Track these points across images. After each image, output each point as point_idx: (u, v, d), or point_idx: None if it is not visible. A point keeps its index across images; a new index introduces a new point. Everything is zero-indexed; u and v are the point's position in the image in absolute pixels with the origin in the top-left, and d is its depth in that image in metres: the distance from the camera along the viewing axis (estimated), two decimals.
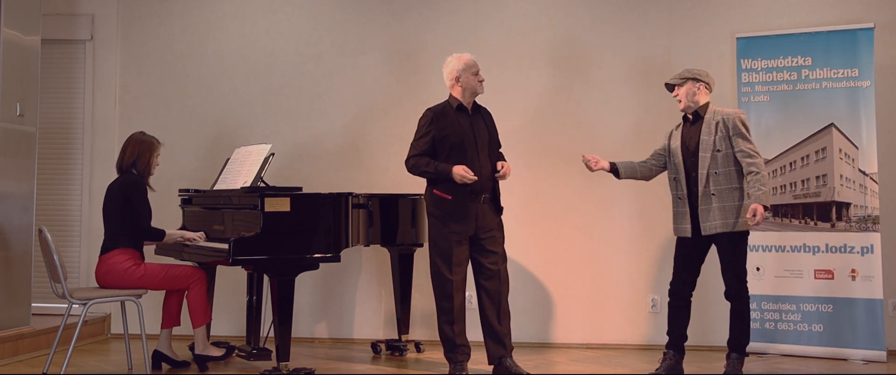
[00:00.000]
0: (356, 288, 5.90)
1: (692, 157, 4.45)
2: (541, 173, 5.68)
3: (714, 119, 4.43)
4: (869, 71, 5.14)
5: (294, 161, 5.91)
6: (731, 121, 4.39)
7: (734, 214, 4.34)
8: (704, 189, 4.38)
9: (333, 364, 5.06)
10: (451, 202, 4.44)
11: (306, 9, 6.06)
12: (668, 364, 4.51)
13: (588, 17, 5.78)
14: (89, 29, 6.13)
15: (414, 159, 4.51)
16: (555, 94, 5.77)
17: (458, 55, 4.60)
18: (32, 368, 4.83)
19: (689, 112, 4.52)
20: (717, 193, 4.35)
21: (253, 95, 6.03)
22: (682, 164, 4.50)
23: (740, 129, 4.37)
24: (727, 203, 4.35)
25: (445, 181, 4.43)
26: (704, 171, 4.38)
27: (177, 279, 4.67)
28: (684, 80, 4.50)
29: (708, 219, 4.37)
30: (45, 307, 5.66)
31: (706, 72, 4.54)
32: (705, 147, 4.40)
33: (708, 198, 4.37)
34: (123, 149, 4.77)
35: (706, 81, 4.50)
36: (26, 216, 5.36)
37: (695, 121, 4.50)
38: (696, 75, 4.50)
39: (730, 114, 4.42)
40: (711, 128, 4.42)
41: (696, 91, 4.48)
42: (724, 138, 4.38)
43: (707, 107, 4.49)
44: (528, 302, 5.69)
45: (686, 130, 4.54)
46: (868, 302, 5.03)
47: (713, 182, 4.36)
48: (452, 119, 4.50)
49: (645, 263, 5.64)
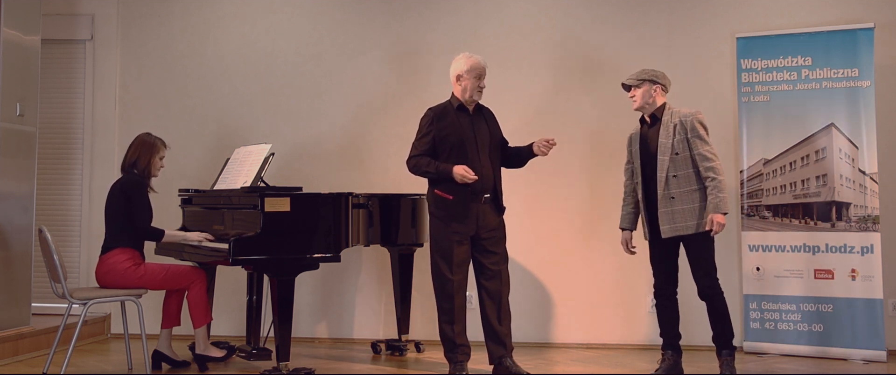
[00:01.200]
0: (356, 288, 5.90)
1: (651, 160, 4.43)
2: (541, 173, 5.68)
3: (672, 121, 4.40)
4: (869, 71, 5.14)
5: (294, 161, 5.91)
6: (690, 123, 4.36)
7: (695, 216, 4.33)
8: (664, 191, 4.36)
9: (333, 364, 5.06)
10: (452, 202, 4.44)
11: (306, 9, 6.06)
12: (668, 364, 4.51)
13: (588, 17, 5.78)
14: (89, 29, 6.14)
15: (415, 159, 4.51)
16: (555, 95, 5.77)
17: (469, 55, 4.56)
18: (32, 368, 4.83)
19: (646, 114, 4.50)
20: (676, 196, 4.34)
21: (253, 95, 6.03)
22: (642, 168, 4.49)
23: (698, 131, 4.35)
24: (687, 205, 4.33)
25: (446, 181, 4.43)
26: (663, 174, 4.36)
27: (177, 279, 4.67)
28: (641, 82, 4.47)
29: (667, 222, 4.35)
30: (45, 307, 5.66)
31: (663, 73, 4.52)
32: (663, 149, 4.38)
33: (667, 201, 4.35)
34: (128, 149, 4.80)
35: (663, 83, 4.48)
36: (26, 216, 5.36)
37: (653, 124, 4.48)
38: (652, 77, 4.46)
39: (687, 114, 4.39)
40: (669, 131, 4.39)
41: (653, 93, 4.46)
42: (683, 140, 4.36)
43: (664, 109, 4.47)
44: (528, 302, 5.69)
45: (644, 132, 4.53)
46: (868, 302, 5.03)
47: (673, 184, 4.34)
48: (453, 119, 4.50)
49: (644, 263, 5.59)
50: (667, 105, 4.50)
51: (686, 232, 4.33)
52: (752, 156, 5.38)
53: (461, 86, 4.54)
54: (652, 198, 4.43)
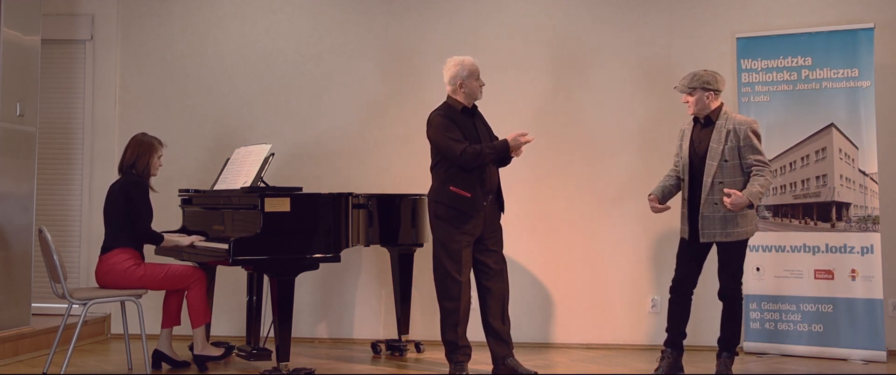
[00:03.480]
0: (356, 288, 5.89)
1: (700, 162, 4.39)
2: (541, 173, 5.68)
3: (726, 126, 4.34)
4: (869, 71, 5.14)
5: (294, 161, 5.91)
6: (743, 132, 4.30)
7: (736, 224, 4.31)
8: (708, 196, 4.33)
9: (333, 364, 5.07)
10: (468, 200, 4.43)
11: (306, 9, 6.05)
12: (668, 362, 4.51)
13: (588, 17, 5.78)
14: (89, 29, 6.13)
15: (467, 149, 4.34)
16: (555, 95, 5.77)
17: (460, 59, 4.54)
18: (32, 368, 4.83)
19: (700, 116, 4.45)
20: (720, 202, 4.30)
21: (253, 95, 6.03)
22: (689, 167, 4.46)
23: (751, 140, 4.29)
24: (730, 213, 4.29)
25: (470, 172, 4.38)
26: (709, 180, 4.33)
27: (177, 279, 4.67)
28: (693, 90, 4.39)
29: (708, 227, 4.34)
30: (45, 307, 5.65)
31: (714, 75, 4.41)
32: (713, 155, 4.34)
33: (710, 206, 4.33)
34: (125, 150, 4.78)
35: (716, 88, 4.39)
36: (26, 216, 5.36)
37: (706, 125, 4.43)
38: (705, 84, 4.37)
39: (742, 122, 4.33)
40: (722, 136, 4.34)
41: (706, 99, 4.38)
42: (734, 148, 4.31)
43: (719, 112, 4.40)
44: (529, 302, 5.68)
45: (696, 133, 4.47)
46: (868, 302, 5.03)
47: (718, 191, 4.30)
48: (461, 121, 4.49)
49: (645, 263, 5.64)
50: (723, 109, 4.42)
51: (725, 239, 4.31)
52: None
53: (466, 91, 4.50)
54: (695, 200, 4.40)
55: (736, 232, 4.31)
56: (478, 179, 4.43)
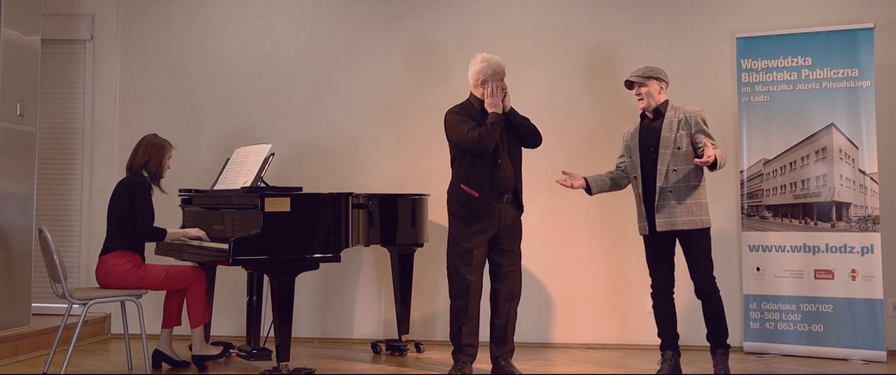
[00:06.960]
0: (356, 288, 5.89)
1: (651, 155, 4.45)
2: (541, 173, 5.67)
3: (676, 116, 4.44)
4: (869, 71, 5.14)
5: (294, 161, 5.91)
6: (693, 119, 4.41)
7: (692, 212, 4.35)
8: (662, 185, 4.38)
9: (333, 364, 5.06)
10: (476, 200, 4.43)
11: (306, 9, 6.05)
12: (669, 364, 4.50)
13: (588, 17, 5.78)
14: (89, 29, 6.14)
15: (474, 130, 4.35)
16: (555, 95, 5.77)
17: (489, 58, 4.52)
18: (32, 368, 4.83)
19: (649, 110, 4.52)
20: (674, 190, 4.36)
21: (253, 95, 6.03)
22: (640, 162, 4.50)
23: (701, 126, 4.40)
24: (684, 200, 4.35)
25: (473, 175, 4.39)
26: (664, 168, 4.38)
27: (177, 279, 4.67)
28: (648, 79, 4.49)
29: (663, 216, 4.36)
30: (45, 307, 5.65)
31: (664, 70, 4.56)
32: (665, 144, 4.40)
33: (665, 195, 4.37)
34: (136, 150, 4.78)
35: (666, 80, 4.53)
36: (26, 216, 5.36)
37: (655, 118, 4.50)
38: (658, 74, 4.50)
39: (691, 111, 4.45)
40: (673, 126, 4.42)
41: (660, 89, 4.49)
42: (686, 136, 4.40)
43: (667, 105, 4.50)
44: (529, 302, 5.65)
45: (645, 127, 4.54)
46: (868, 302, 5.03)
47: (672, 179, 4.37)
48: (480, 120, 4.46)
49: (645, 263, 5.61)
50: (670, 101, 4.52)
51: (683, 227, 4.34)
52: (753, 157, 5.38)
53: (487, 90, 4.48)
54: (650, 193, 4.43)
55: (693, 221, 4.33)
56: (489, 178, 4.42)
